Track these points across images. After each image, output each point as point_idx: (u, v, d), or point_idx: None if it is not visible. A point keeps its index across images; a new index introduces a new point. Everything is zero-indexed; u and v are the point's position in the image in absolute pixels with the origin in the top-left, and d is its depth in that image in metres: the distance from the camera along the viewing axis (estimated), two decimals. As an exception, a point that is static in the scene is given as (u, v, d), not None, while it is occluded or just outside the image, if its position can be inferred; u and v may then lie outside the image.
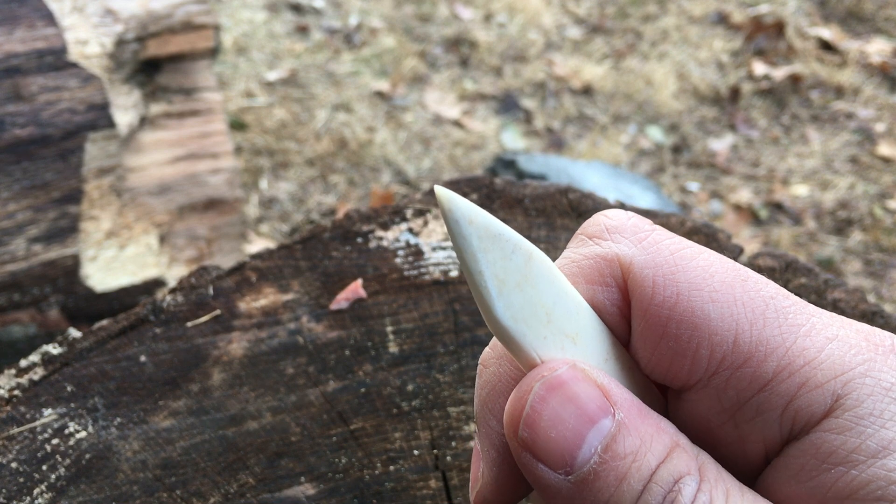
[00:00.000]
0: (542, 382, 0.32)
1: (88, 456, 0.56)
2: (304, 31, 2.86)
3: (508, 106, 2.67)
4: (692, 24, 3.09)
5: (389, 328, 0.65)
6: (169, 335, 0.64)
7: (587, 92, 2.77)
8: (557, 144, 2.55)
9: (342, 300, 0.67)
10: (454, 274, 0.69)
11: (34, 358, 0.62)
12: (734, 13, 3.12)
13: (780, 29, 3.01)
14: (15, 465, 0.56)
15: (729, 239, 0.72)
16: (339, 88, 2.64)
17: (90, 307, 1.45)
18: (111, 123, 1.43)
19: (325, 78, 2.68)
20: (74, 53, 1.44)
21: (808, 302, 0.34)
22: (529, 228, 0.73)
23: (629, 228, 0.35)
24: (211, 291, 0.67)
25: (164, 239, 1.56)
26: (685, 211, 2.37)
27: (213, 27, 1.60)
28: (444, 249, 0.71)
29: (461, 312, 0.66)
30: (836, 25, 3.07)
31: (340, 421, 0.59)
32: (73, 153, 1.40)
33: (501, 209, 0.75)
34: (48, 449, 0.57)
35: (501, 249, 0.32)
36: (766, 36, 3.00)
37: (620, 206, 0.76)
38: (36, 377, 0.61)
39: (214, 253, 1.63)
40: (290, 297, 0.67)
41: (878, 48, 2.95)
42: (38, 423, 0.58)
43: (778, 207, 2.41)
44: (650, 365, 0.34)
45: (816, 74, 2.85)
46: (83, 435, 0.57)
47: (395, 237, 0.72)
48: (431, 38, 2.90)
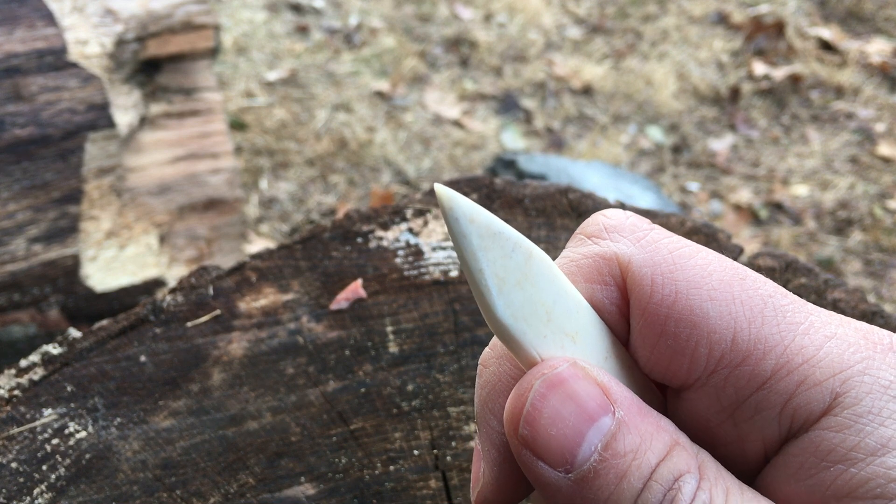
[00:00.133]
0: (542, 380, 0.32)
1: (88, 456, 0.56)
2: (304, 31, 2.86)
3: (508, 106, 2.67)
4: (692, 24, 3.09)
5: (389, 328, 0.65)
6: (169, 335, 0.64)
7: (587, 92, 2.77)
8: (557, 144, 2.55)
9: (342, 300, 0.67)
10: (454, 274, 0.69)
11: (34, 358, 0.62)
12: (734, 13, 3.12)
13: (780, 29, 3.01)
14: (15, 465, 0.56)
15: (729, 239, 0.72)
16: (339, 88, 2.64)
17: (90, 307, 1.45)
18: (111, 123, 1.44)
19: (325, 78, 2.68)
20: (74, 53, 1.44)
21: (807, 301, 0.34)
22: (529, 228, 0.73)
23: (628, 227, 0.35)
24: (211, 291, 0.67)
25: (164, 239, 1.56)
26: (685, 211, 2.37)
27: (213, 27, 1.60)
28: (444, 249, 0.71)
29: (461, 312, 0.66)
30: (836, 25, 3.07)
31: (340, 421, 0.59)
32: (73, 153, 1.40)
33: (501, 209, 0.75)
34: (48, 449, 0.57)
35: (502, 248, 0.33)
36: (766, 36, 3.00)
37: (620, 206, 0.76)
38: (36, 377, 0.61)
39: (214, 253, 1.63)
40: (290, 297, 0.67)
41: (878, 48, 2.95)
42: (38, 423, 0.58)
43: (778, 207, 2.41)
44: (649, 364, 0.34)
45: (816, 74, 2.85)
46: (83, 435, 0.58)
47: (395, 237, 0.72)
48: (431, 38, 2.90)
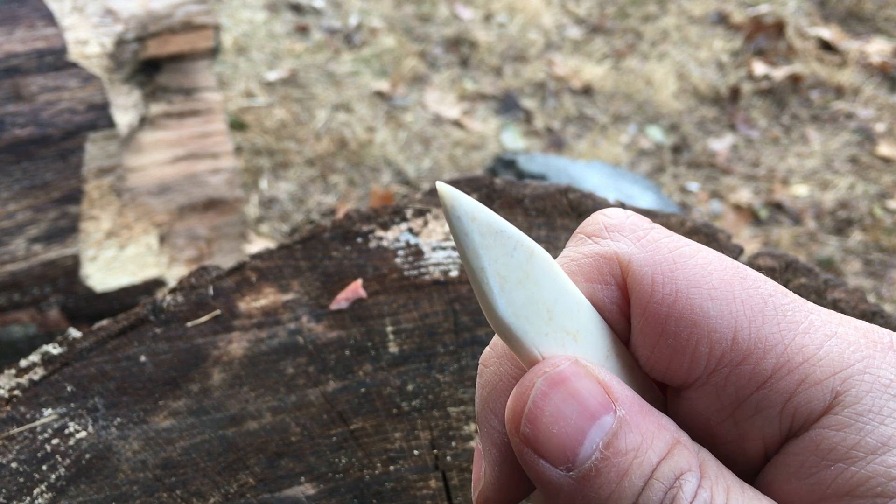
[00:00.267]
0: (544, 378, 0.32)
1: (88, 456, 0.56)
2: (304, 31, 2.86)
3: (508, 106, 2.67)
4: (692, 24, 3.09)
5: (389, 328, 0.65)
6: (169, 335, 0.64)
7: (587, 92, 2.77)
8: (557, 144, 2.55)
9: (342, 300, 0.67)
10: (454, 274, 0.69)
11: (34, 358, 0.62)
12: (734, 13, 3.12)
13: (780, 29, 3.01)
14: (15, 465, 0.56)
15: (729, 239, 0.72)
16: (339, 88, 2.64)
17: (90, 307, 1.45)
18: (111, 123, 1.44)
19: (325, 78, 2.68)
20: (74, 53, 1.44)
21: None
22: (529, 228, 0.73)
23: (628, 227, 0.35)
24: (211, 291, 0.67)
25: (164, 239, 1.56)
26: (685, 211, 2.37)
27: (213, 27, 1.60)
28: (444, 249, 0.71)
29: (461, 312, 0.66)
30: (836, 25, 3.07)
31: (340, 421, 0.59)
32: (73, 153, 1.40)
33: (501, 209, 0.75)
34: (48, 449, 0.57)
35: (503, 246, 0.33)
36: (766, 36, 3.00)
37: (620, 205, 0.76)
38: (36, 377, 0.61)
39: (214, 253, 1.63)
40: (290, 297, 0.67)
41: (878, 48, 2.95)
42: (38, 423, 0.58)
43: (778, 207, 2.41)
44: (650, 363, 0.34)
45: (816, 74, 2.85)
46: (83, 435, 0.57)
47: (395, 237, 0.72)
48: (431, 38, 2.90)
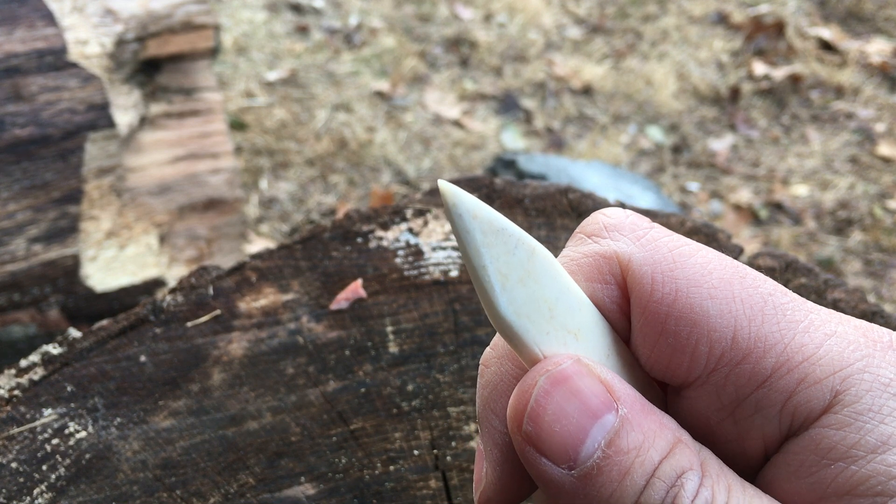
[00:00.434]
0: (546, 377, 0.32)
1: (88, 456, 0.56)
2: (304, 31, 2.86)
3: (508, 106, 2.67)
4: (692, 24, 3.09)
5: (389, 328, 0.65)
6: (169, 335, 0.64)
7: (587, 92, 2.77)
8: (557, 144, 2.55)
9: (342, 300, 0.67)
10: (454, 274, 0.69)
11: (34, 358, 0.62)
12: (734, 13, 3.12)
13: (780, 29, 3.01)
14: (15, 465, 0.56)
15: (729, 239, 0.72)
16: (339, 88, 2.64)
17: (90, 307, 1.45)
18: (111, 123, 1.44)
19: (325, 78, 2.68)
20: (74, 53, 1.44)
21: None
22: (529, 228, 0.73)
23: (627, 226, 0.35)
24: (211, 291, 0.67)
25: (164, 239, 1.56)
26: (685, 211, 2.37)
27: (213, 27, 1.61)
28: (444, 249, 0.71)
29: (461, 312, 0.66)
30: (836, 25, 3.07)
31: (340, 421, 0.59)
32: (73, 153, 1.40)
33: (501, 209, 0.75)
34: (48, 449, 0.57)
35: (505, 244, 0.33)
36: (766, 36, 3.00)
37: (620, 205, 0.76)
38: (36, 377, 0.61)
39: (214, 253, 1.63)
40: (290, 297, 0.67)
41: (878, 48, 2.95)
42: (38, 423, 0.58)
43: (778, 207, 2.41)
44: (650, 362, 0.34)
45: (816, 74, 2.85)
46: (83, 435, 0.57)
47: (395, 237, 0.72)
48: (431, 38, 2.90)
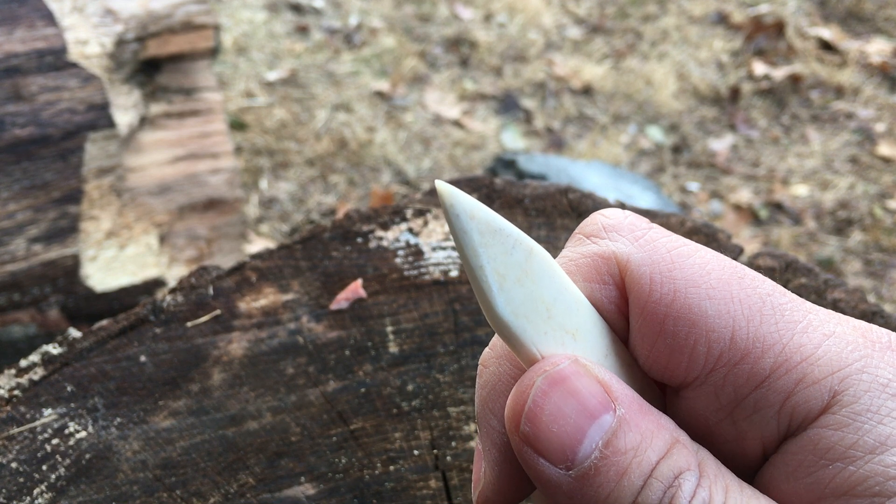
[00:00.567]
0: (544, 377, 0.32)
1: (88, 456, 0.56)
2: (304, 31, 2.86)
3: (508, 106, 2.67)
4: (692, 24, 3.09)
5: (389, 328, 0.65)
6: (169, 335, 0.64)
7: (587, 92, 2.77)
8: (557, 144, 2.55)
9: (342, 300, 0.67)
10: (454, 274, 0.69)
11: (34, 358, 0.62)
12: (734, 13, 3.12)
13: (780, 29, 3.01)
14: (15, 465, 0.56)
15: (729, 239, 0.72)
16: (339, 88, 2.64)
17: (90, 307, 1.45)
18: (111, 123, 1.44)
19: (325, 78, 2.68)
20: (74, 53, 1.44)
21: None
22: (529, 228, 0.73)
23: (626, 227, 0.35)
24: (211, 291, 0.67)
25: (164, 239, 1.56)
26: (685, 211, 2.37)
27: (213, 27, 1.61)
28: (444, 249, 0.71)
29: (461, 312, 0.66)
30: (836, 25, 3.07)
31: (340, 421, 0.59)
32: (73, 153, 1.40)
33: (501, 209, 0.75)
34: (48, 449, 0.57)
35: (502, 244, 0.33)
36: (766, 36, 3.00)
37: (620, 205, 0.76)
38: (36, 377, 0.61)
39: (214, 253, 1.63)
40: (290, 297, 0.67)
41: (878, 48, 2.95)
42: (38, 423, 0.58)
43: (778, 207, 2.41)
44: (648, 362, 0.34)
45: (816, 74, 2.85)
46: (83, 435, 0.58)
47: (395, 237, 0.72)
48: (431, 38, 2.90)
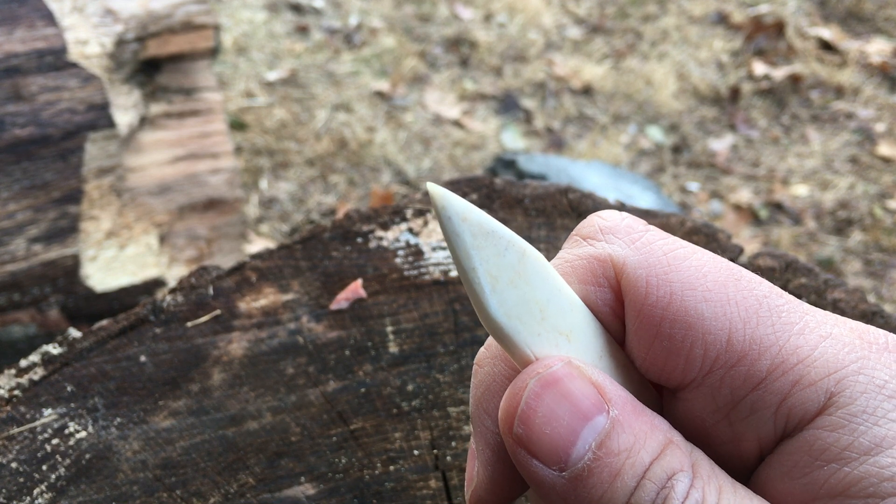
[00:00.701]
0: (536, 379, 0.32)
1: (88, 456, 0.56)
2: (304, 31, 2.86)
3: (508, 106, 2.67)
4: (692, 24, 3.09)
5: (389, 328, 0.65)
6: (169, 335, 0.64)
7: (587, 92, 2.77)
8: (557, 144, 2.55)
9: (342, 300, 0.67)
10: (454, 274, 0.69)
11: (34, 358, 0.62)
12: (734, 13, 3.12)
13: (780, 29, 3.01)
14: (15, 465, 0.56)
15: (729, 239, 0.72)
16: (339, 88, 2.64)
17: (90, 307, 1.45)
18: (111, 123, 1.44)
19: (325, 78, 2.68)
20: (74, 53, 1.44)
21: (806, 302, 0.34)
22: (529, 228, 0.73)
23: (623, 229, 0.35)
24: (211, 291, 0.67)
25: (164, 239, 1.56)
26: (685, 211, 2.37)
27: (213, 27, 1.61)
28: (444, 249, 0.71)
29: (461, 312, 0.66)
30: (836, 25, 3.07)
31: (340, 421, 0.59)
32: (73, 153, 1.41)
33: (501, 209, 0.75)
34: (48, 449, 0.57)
35: (495, 246, 0.33)
36: (766, 36, 3.00)
37: (620, 206, 0.76)
38: (36, 377, 0.61)
39: (214, 253, 1.63)
40: (290, 297, 0.67)
41: (878, 48, 2.95)
42: (38, 423, 0.58)
43: (778, 207, 2.41)
44: (645, 364, 0.34)
45: (816, 74, 2.85)
46: (83, 435, 0.58)
47: (395, 237, 0.72)
48: (431, 38, 2.90)
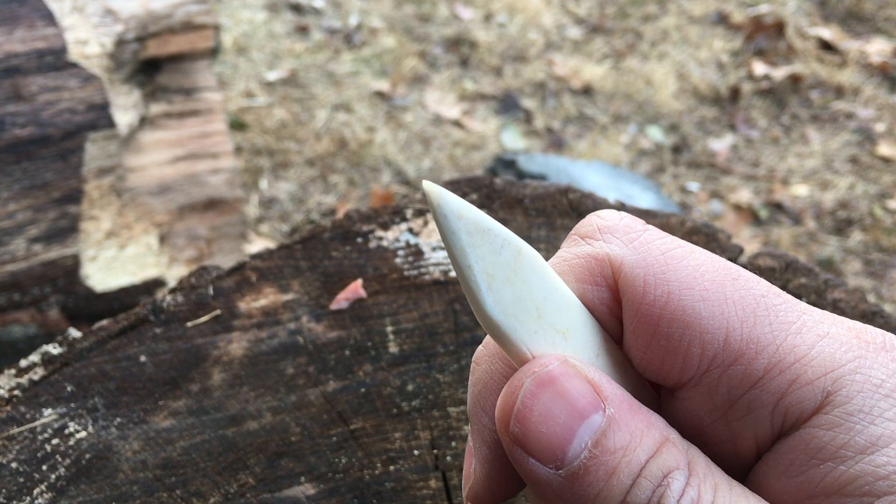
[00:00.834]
0: (532, 378, 0.32)
1: (88, 456, 0.57)
2: (304, 31, 2.86)
3: (508, 106, 2.67)
4: (692, 24, 3.09)
5: (389, 328, 0.65)
6: (169, 335, 0.64)
7: (587, 92, 2.77)
8: (557, 144, 2.55)
9: (342, 300, 0.67)
10: (454, 274, 0.69)
11: (34, 358, 0.62)
12: (734, 13, 3.12)
13: (780, 29, 3.01)
14: (15, 465, 0.56)
15: (729, 239, 0.72)
16: (339, 88, 2.64)
17: (90, 307, 1.45)
18: (111, 123, 1.44)
19: (325, 78, 2.68)
20: (74, 53, 1.44)
21: (806, 302, 0.34)
22: (529, 228, 0.73)
23: (621, 228, 0.35)
24: (211, 291, 0.67)
25: (164, 239, 1.56)
26: (685, 211, 2.37)
27: (213, 27, 1.61)
28: (443, 249, 0.71)
29: (461, 312, 0.67)
30: (836, 25, 3.07)
31: (340, 421, 0.59)
32: (73, 153, 1.41)
33: (501, 209, 0.75)
34: (48, 449, 0.57)
35: (490, 244, 0.33)
36: (766, 36, 3.00)
37: (620, 206, 0.76)
38: (36, 377, 0.61)
39: (214, 253, 1.63)
40: (290, 297, 0.67)
41: (878, 48, 2.95)
42: (38, 423, 0.58)
43: (778, 207, 2.41)
44: (643, 364, 0.35)
45: (816, 74, 2.85)
46: (83, 435, 0.58)
47: (395, 237, 0.72)
48: (431, 38, 2.90)
